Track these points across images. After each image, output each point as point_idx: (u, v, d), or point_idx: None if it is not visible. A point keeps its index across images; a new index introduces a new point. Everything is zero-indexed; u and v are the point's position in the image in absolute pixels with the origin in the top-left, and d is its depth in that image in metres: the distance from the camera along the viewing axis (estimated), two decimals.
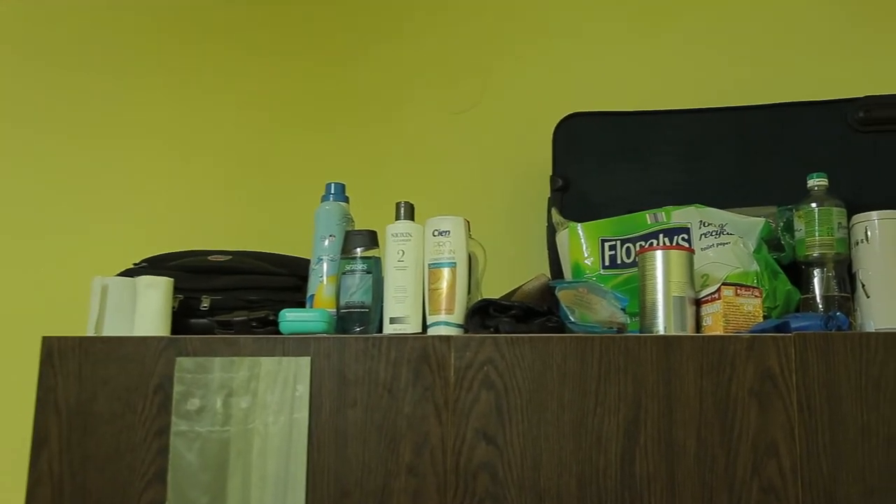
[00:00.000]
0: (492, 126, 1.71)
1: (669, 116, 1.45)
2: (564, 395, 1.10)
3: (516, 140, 1.69)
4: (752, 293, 1.16)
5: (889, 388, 1.05)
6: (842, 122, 1.39)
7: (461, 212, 1.25)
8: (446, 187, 1.69)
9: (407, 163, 1.72)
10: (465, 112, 1.72)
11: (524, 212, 1.64)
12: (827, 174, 1.28)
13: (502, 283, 1.34)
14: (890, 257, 1.21)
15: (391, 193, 1.55)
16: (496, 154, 1.70)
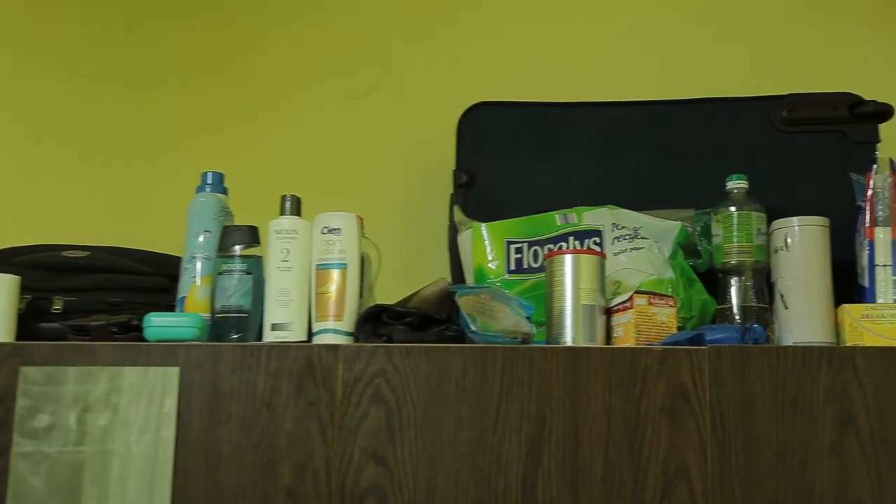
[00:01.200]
0: (391, 114, 1.71)
1: (583, 109, 1.48)
2: (462, 411, 1.10)
3: (418, 130, 1.69)
4: (666, 302, 1.19)
5: (806, 406, 1.09)
6: (765, 121, 1.44)
7: (354, 208, 1.25)
8: (338, 180, 1.68)
9: (294, 152, 1.71)
10: (362, 98, 1.71)
11: (424, 209, 1.64)
12: (748, 176, 1.32)
13: (398, 287, 1.35)
14: (810, 266, 1.26)
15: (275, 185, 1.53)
16: (395, 145, 1.70)
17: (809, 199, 1.37)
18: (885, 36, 1.69)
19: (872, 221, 1.25)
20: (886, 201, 1.25)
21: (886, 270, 1.24)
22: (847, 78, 1.58)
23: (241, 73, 1.75)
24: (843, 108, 1.42)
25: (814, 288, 1.25)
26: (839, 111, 1.42)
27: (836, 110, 1.42)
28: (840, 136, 1.41)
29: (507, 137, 1.48)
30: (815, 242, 1.26)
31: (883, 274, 1.24)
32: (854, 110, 1.42)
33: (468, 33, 1.74)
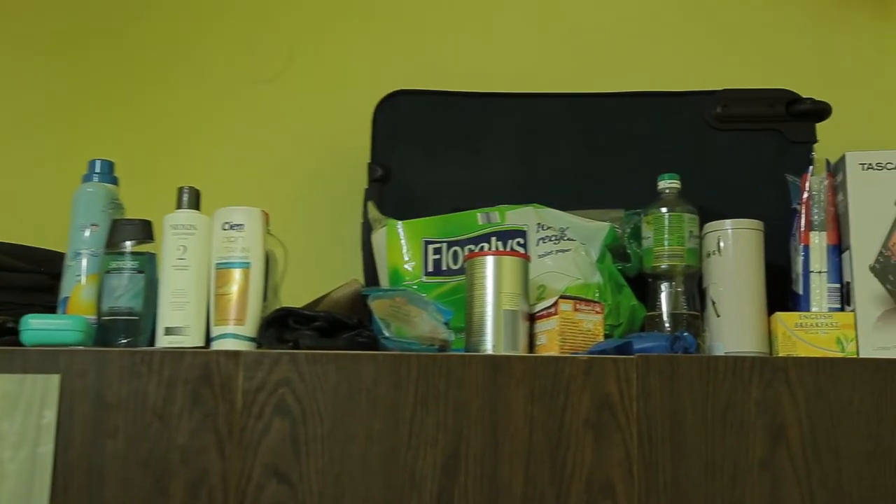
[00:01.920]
0: (300, 101, 1.70)
1: (508, 100, 1.49)
2: (374, 424, 1.10)
3: (330, 119, 1.69)
4: (592, 308, 1.20)
5: (737, 420, 1.11)
6: (698, 118, 1.46)
7: (258, 202, 1.24)
8: (241, 172, 1.67)
9: (193, 140, 1.69)
10: (268, 82, 1.70)
11: (336, 205, 1.64)
12: (680, 175, 1.34)
13: (306, 289, 1.33)
14: (743, 272, 1.28)
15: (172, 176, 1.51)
16: (304, 135, 1.69)
17: (744, 200, 1.40)
18: (824, 31, 1.74)
19: (808, 225, 1.29)
20: (822, 205, 1.29)
21: (821, 277, 1.27)
22: (784, 74, 1.62)
23: (134, 51, 1.72)
24: (780, 105, 1.45)
25: (747, 295, 1.28)
26: (775, 109, 1.45)
27: (772, 108, 1.45)
28: (776, 135, 1.45)
29: (426, 129, 1.48)
30: (748, 247, 1.29)
31: (818, 281, 1.27)
32: (791, 108, 1.45)
33: (387, 16, 1.74)
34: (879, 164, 1.24)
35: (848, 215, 1.24)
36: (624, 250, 1.37)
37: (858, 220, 1.23)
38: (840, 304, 1.26)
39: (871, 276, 1.22)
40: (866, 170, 1.24)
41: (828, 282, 1.26)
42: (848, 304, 1.24)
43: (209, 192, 1.27)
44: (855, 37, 1.75)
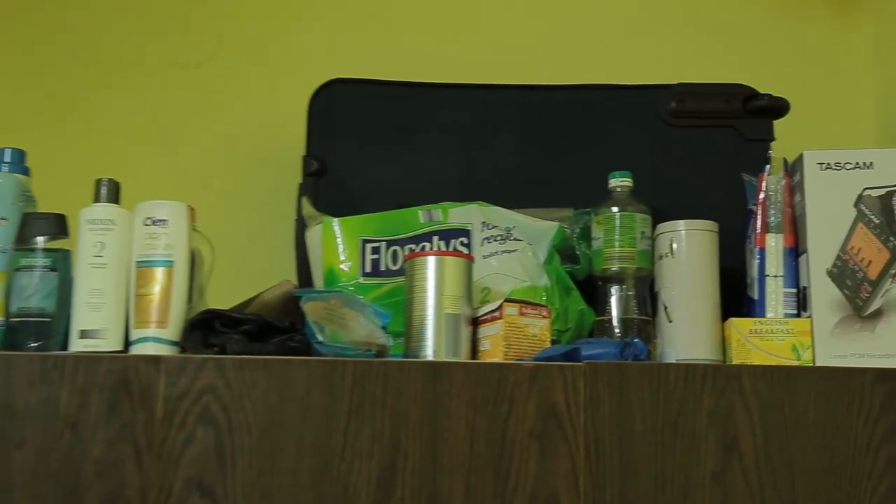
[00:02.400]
0: (230, 89, 1.69)
1: (453, 91, 1.49)
2: (306, 434, 1.09)
3: (262, 109, 1.68)
4: (539, 312, 1.21)
5: (688, 431, 1.11)
6: (652, 113, 1.47)
7: (184, 196, 1.23)
8: (166, 163, 1.65)
9: (113, 128, 1.66)
10: (195, 68, 1.68)
11: (267, 200, 1.63)
12: (632, 173, 1.35)
13: (235, 289, 1.32)
14: (697, 275, 1.29)
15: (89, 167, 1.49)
16: (235, 125, 1.68)
17: (698, 200, 1.41)
18: (784, 25, 1.76)
19: (764, 227, 1.30)
20: (779, 206, 1.30)
21: (777, 282, 1.28)
22: (742, 69, 1.63)
23: (47, 30, 1.69)
24: (737, 101, 1.46)
25: (700, 299, 1.29)
26: (732, 104, 1.46)
27: (728, 103, 1.46)
28: (732, 133, 1.46)
29: (366, 121, 1.47)
30: (702, 249, 1.30)
31: (773, 285, 1.28)
32: (748, 104, 1.46)
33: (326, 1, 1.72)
34: (838, 164, 1.26)
35: (805, 217, 1.25)
36: (573, 251, 1.38)
37: (816, 222, 1.25)
38: (796, 310, 1.27)
39: (828, 280, 1.23)
40: (824, 170, 1.26)
41: (784, 286, 1.28)
42: (804, 309, 1.26)
43: (130, 185, 1.26)
44: (816, 33, 1.77)
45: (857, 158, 1.26)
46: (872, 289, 1.22)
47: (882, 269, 1.23)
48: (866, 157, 1.26)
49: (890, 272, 1.22)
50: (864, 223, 1.24)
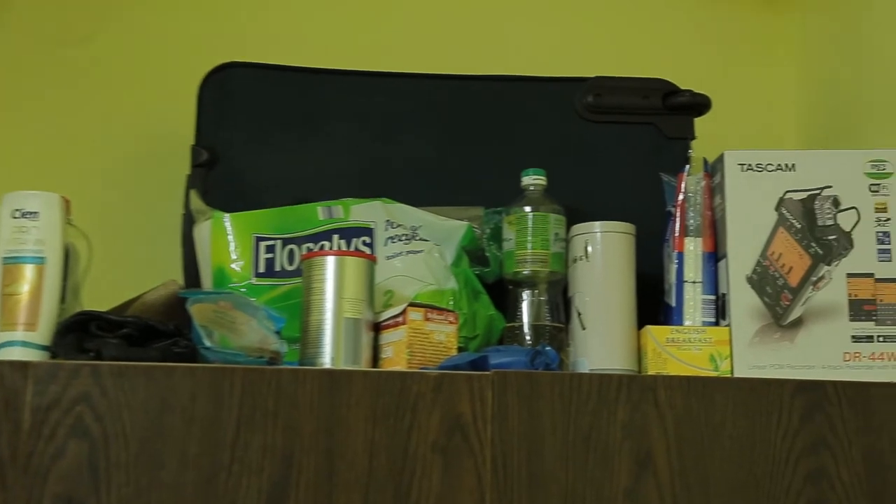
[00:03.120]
0: (114, 71, 1.67)
1: (356, 79, 1.49)
2: (190, 447, 1.08)
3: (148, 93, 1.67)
4: (445, 318, 1.21)
5: (601, 444, 1.13)
6: (567, 108, 1.49)
7: (58, 187, 1.21)
8: (38, 150, 1.63)
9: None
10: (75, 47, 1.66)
11: (152, 192, 1.62)
12: (546, 171, 1.36)
13: (114, 289, 1.30)
14: (612, 280, 1.31)
15: None
16: (118, 110, 1.66)
17: (615, 200, 1.43)
18: (707, 19, 1.80)
19: (682, 230, 1.32)
20: (699, 208, 1.32)
21: (696, 288, 1.31)
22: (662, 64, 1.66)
23: None
24: (656, 97, 1.48)
25: (615, 306, 1.31)
26: (651, 100, 1.48)
27: (647, 99, 1.48)
28: (651, 130, 1.48)
29: (261, 108, 1.47)
30: (618, 252, 1.32)
31: (692, 292, 1.31)
32: (667, 100, 1.49)
33: None
34: (759, 166, 1.29)
35: (725, 220, 1.28)
36: (482, 253, 1.39)
37: (736, 225, 1.28)
38: (715, 318, 1.30)
39: (747, 287, 1.26)
40: (745, 171, 1.29)
41: (702, 293, 1.30)
42: (723, 317, 1.29)
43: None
44: (739, 29, 1.81)
45: (778, 160, 1.29)
46: (793, 296, 1.26)
47: (803, 275, 1.26)
48: (788, 158, 1.29)
49: (811, 279, 1.26)
50: (786, 227, 1.27)
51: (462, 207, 1.40)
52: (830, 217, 1.27)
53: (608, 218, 1.33)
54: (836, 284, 1.26)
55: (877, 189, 1.28)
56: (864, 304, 1.26)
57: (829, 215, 1.27)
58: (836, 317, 1.25)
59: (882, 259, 1.26)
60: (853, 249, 1.26)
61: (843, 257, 1.26)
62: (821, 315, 1.25)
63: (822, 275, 1.26)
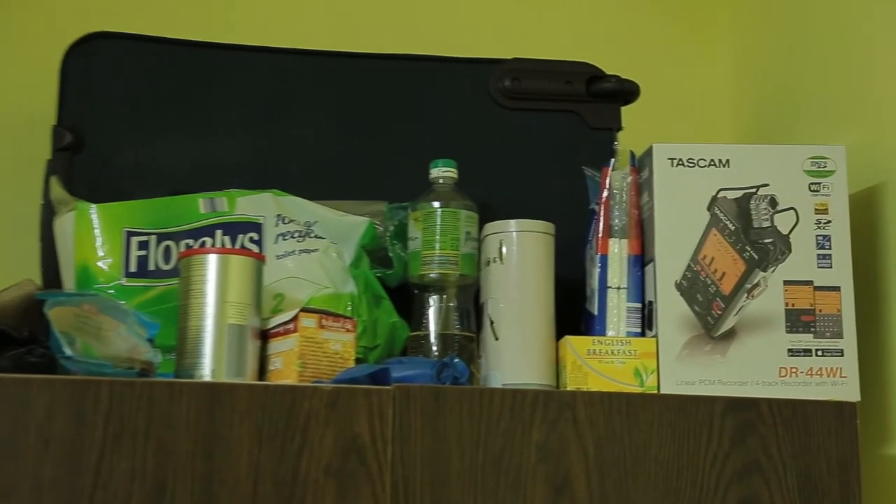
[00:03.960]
0: None
1: (244, 55, 1.48)
2: (45, 470, 1.05)
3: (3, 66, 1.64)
4: (342, 325, 1.21)
5: (513, 468, 1.13)
6: (482, 92, 1.49)
7: None
8: None
9: None
10: None
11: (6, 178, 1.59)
12: (457, 162, 1.36)
13: None
14: (529, 285, 1.31)
15: None
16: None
17: (533, 196, 1.44)
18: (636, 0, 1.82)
19: (606, 231, 1.33)
20: (625, 206, 1.33)
21: (620, 294, 1.31)
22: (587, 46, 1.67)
23: None
24: (580, 82, 1.49)
25: (532, 313, 1.31)
26: (574, 86, 1.49)
27: (570, 84, 1.49)
28: (574, 118, 1.49)
29: (135, 86, 1.45)
30: (536, 254, 1.32)
31: (616, 299, 1.31)
32: (592, 86, 1.49)
33: None
34: (691, 161, 1.30)
35: (653, 220, 1.29)
36: (385, 253, 1.38)
37: (665, 226, 1.29)
38: (640, 328, 1.30)
39: (676, 294, 1.27)
40: (676, 166, 1.30)
41: (627, 300, 1.31)
42: (650, 328, 1.29)
43: None
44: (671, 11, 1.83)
45: (712, 155, 1.30)
46: (725, 305, 1.27)
47: (736, 282, 1.27)
48: (722, 153, 1.30)
49: (745, 286, 1.27)
50: (719, 229, 1.28)
51: (363, 202, 1.40)
52: (767, 218, 1.29)
53: (525, 216, 1.33)
54: (772, 292, 1.27)
55: (817, 188, 1.30)
56: (802, 314, 1.27)
57: (765, 216, 1.29)
58: (771, 328, 1.27)
59: (822, 265, 1.28)
60: (791, 254, 1.28)
61: (780, 263, 1.28)
62: (755, 326, 1.27)
63: (758, 282, 1.27)
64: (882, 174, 1.35)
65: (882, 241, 1.34)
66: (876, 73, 1.39)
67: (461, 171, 1.36)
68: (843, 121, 1.47)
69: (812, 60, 1.57)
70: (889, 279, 1.32)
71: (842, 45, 1.48)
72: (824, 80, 1.52)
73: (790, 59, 1.63)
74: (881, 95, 1.38)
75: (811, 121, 1.57)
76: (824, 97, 1.52)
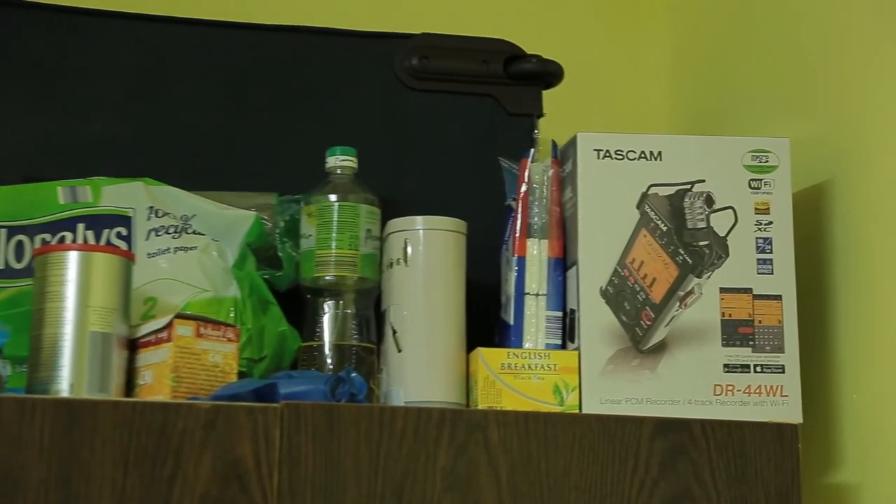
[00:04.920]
0: None
1: (113, 22, 1.46)
2: None
3: None
4: (223, 334, 1.20)
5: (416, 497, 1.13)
6: (387, 71, 1.48)
7: None
8: None
9: None
10: None
11: None
12: (357, 150, 1.35)
13: None
14: (437, 290, 1.31)
15: None
16: None
17: (443, 190, 1.44)
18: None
19: (524, 230, 1.32)
20: (545, 203, 1.33)
21: (539, 302, 1.31)
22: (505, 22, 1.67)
23: None
24: (497, 62, 1.49)
25: (440, 322, 1.31)
26: (491, 66, 1.49)
27: (486, 64, 1.49)
28: (490, 102, 1.49)
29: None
30: (445, 255, 1.32)
31: (534, 306, 1.31)
32: (510, 67, 1.49)
33: None
34: (619, 152, 1.30)
35: (577, 219, 1.29)
36: (274, 252, 1.37)
37: (589, 225, 1.29)
38: (561, 340, 1.30)
39: (602, 302, 1.27)
40: (603, 158, 1.30)
41: (547, 308, 1.31)
42: (571, 339, 1.29)
43: None
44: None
45: (642, 146, 1.30)
46: (655, 315, 1.27)
47: (668, 289, 1.28)
48: (654, 144, 1.31)
49: (677, 294, 1.27)
50: (649, 230, 1.28)
51: (249, 193, 1.39)
52: (702, 218, 1.29)
53: (434, 212, 1.33)
54: (707, 301, 1.28)
55: (758, 185, 1.31)
56: (740, 325, 1.28)
57: (700, 216, 1.29)
58: (705, 341, 1.27)
59: (762, 271, 1.29)
60: (728, 259, 1.28)
61: (716, 268, 1.28)
62: (688, 338, 1.27)
63: (691, 289, 1.28)
64: (829, 171, 1.36)
65: (828, 244, 1.36)
66: (825, 60, 1.41)
67: (362, 161, 1.35)
68: (789, 112, 1.48)
69: (756, 45, 1.58)
70: (835, 287, 1.34)
71: (788, 30, 1.50)
72: (769, 68, 1.54)
73: (732, 44, 1.65)
74: (830, 84, 1.39)
75: (754, 111, 1.58)
76: (769, 86, 1.54)
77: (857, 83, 1.34)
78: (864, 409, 1.29)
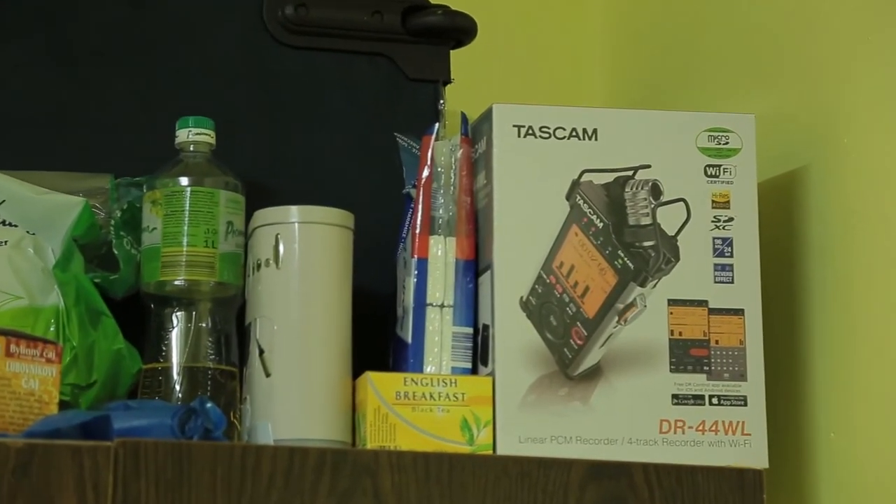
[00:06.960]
0: None
1: None
2: None
3: None
4: (42, 353, 1.18)
5: None
6: (255, 23, 1.48)
7: None
8: None
9: None
10: None
11: None
12: (216, 122, 1.34)
13: None
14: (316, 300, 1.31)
15: None
16: None
17: (323, 173, 1.44)
18: None
19: (426, 225, 1.32)
20: (453, 191, 1.32)
21: (444, 315, 1.31)
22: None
23: None
24: (392, 13, 1.49)
25: (319, 340, 1.30)
26: (385, 19, 1.49)
27: (379, 16, 1.48)
28: (385, 64, 1.49)
29: None
30: (327, 256, 1.32)
31: (438, 321, 1.31)
32: (410, 20, 1.49)
33: None
34: (545, 130, 1.30)
35: (492, 212, 1.29)
36: (108, 250, 1.36)
37: (508, 220, 1.29)
38: (472, 363, 1.30)
39: (522, 315, 1.27)
40: (525, 136, 1.30)
41: (454, 323, 1.31)
42: (484, 362, 1.29)
43: None
44: None
45: (574, 122, 1.31)
46: (589, 333, 1.28)
47: (604, 301, 1.28)
48: (588, 120, 1.32)
49: (616, 307, 1.28)
50: (581, 227, 1.29)
51: (76, 174, 1.38)
52: (647, 213, 1.30)
53: (313, 201, 1.33)
54: (652, 316, 1.29)
55: (716, 173, 1.32)
56: (693, 346, 1.29)
57: (644, 210, 1.30)
58: (650, 365, 1.29)
59: (720, 280, 1.30)
60: (679, 263, 1.29)
61: (663, 274, 1.29)
62: (629, 362, 1.28)
63: (633, 300, 1.29)
64: (802, 155, 1.38)
65: (801, 246, 1.37)
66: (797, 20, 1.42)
67: (222, 135, 1.35)
68: (754, 83, 1.49)
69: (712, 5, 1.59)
70: (810, 300, 1.35)
71: None
72: (731, 28, 1.56)
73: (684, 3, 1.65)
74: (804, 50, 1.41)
75: (712, 82, 1.60)
76: (730, 50, 1.55)
77: (837, 49, 1.35)
78: (843, 451, 1.30)
